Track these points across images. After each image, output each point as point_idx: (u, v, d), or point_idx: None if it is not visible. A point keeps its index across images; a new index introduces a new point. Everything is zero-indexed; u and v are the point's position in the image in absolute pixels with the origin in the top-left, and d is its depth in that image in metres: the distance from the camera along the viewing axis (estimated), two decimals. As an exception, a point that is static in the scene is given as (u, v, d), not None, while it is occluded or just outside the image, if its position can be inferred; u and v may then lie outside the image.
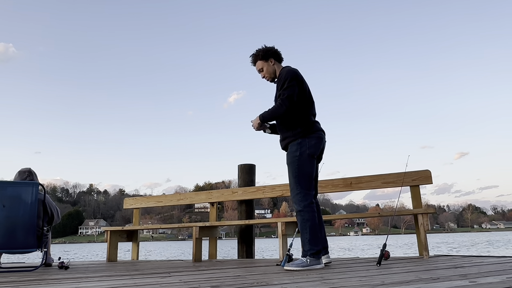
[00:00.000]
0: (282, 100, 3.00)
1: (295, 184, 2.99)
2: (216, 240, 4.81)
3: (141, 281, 2.38)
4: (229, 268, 3.17)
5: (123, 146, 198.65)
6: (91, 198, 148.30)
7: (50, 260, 4.03)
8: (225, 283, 2.14)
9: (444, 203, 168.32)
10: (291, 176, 3.01)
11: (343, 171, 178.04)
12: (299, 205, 2.96)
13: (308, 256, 2.86)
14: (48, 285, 2.35)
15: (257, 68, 3.25)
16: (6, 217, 3.52)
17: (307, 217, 2.92)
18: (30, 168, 3.91)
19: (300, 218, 2.96)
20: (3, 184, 3.58)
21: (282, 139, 3.17)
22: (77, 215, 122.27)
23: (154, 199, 5.46)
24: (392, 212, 3.63)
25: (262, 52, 3.21)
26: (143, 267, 3.56)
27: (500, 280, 1.80)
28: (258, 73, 3.28)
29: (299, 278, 2.26)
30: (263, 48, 3.24)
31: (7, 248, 3.54)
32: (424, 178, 3.92)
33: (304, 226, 2.93)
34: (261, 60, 3.22)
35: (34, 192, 3.64)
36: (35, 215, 3.61)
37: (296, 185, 2.99)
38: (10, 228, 3.52)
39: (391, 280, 1.99)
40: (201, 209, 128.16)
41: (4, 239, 3.50)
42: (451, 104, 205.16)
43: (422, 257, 3.50)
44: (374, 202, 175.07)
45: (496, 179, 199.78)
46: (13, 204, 3.56)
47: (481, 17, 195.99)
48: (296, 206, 2.99)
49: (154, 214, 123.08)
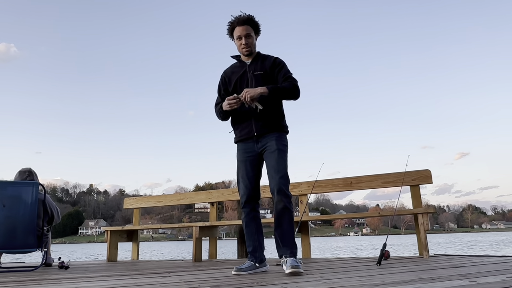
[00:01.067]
0: (295, 82, 2.74)
1: (287, 173, 2.69)
2: (216, 240, 4.81)
3: (141, 281, 2.38)
4: (229, 268, 3.16)
5: (124, 146, 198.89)
6: (91, 198, 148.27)
7: (50, 260, 4.03)
8: (225, 283, 2.14)
9: (444, 204, 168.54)
10: (285, 162, 2.69)
11: (344, 171, 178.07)
12: (289, 197, 2.64)
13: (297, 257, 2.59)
14: (48, 285, 2.35)
15: (244, 31, 2.76)
16: (6, 217, 3.52)
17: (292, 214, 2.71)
18: (30, 168, 3.91)
19: (289, 212, 2.63)
20: (3, 184, 3.58)
21: (270, 123, 2.75)
22: (77, 215, 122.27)
23: (154, 199, 5.46)
24: (392, 212, 3.64)
25: (256, 23, 2.82)
26: (143, 267, 3.56)
27: (500, 280, 1.80)
28: (238, 38, 2.79)
29: (299, 278, 2.26)
30: (255, 19, 2.83)
31: (7, 248, 3.54)
32: (424, 178, 3.92)
33: (292, 222, 2.66)
34: (252, 29, 2.81)
35: (34, 192, 3.64)
36: (35, 215, 3.61)
37: (287, 173, 2.69)
38: (10, 228, 3.52)
39: (391, 280, 1.99)
40: (201, 209, 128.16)
41: (4, 239, 3.50)
42: (452, 104, 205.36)
43: (422, 257, 3.50)
44: (374, 202, 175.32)
45: (496, 179, 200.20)
46: (13, 204, 3.56)
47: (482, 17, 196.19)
48: (285, 197, 2.61)
49: (154, 214, 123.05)
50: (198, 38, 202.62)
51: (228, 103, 2.67)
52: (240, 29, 2.77)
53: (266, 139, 2.74)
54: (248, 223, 2.79)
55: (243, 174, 2.81)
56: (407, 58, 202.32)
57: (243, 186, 2.80)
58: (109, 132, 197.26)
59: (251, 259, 2.71)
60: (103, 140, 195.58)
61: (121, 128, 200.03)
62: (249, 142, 2.80)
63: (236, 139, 2.89)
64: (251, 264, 2.67)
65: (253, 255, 2.72)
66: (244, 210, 2.79)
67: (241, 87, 2.79)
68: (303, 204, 4.35)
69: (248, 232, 2.78)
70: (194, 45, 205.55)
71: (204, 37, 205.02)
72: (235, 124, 2.90)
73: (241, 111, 2.80)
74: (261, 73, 2.79)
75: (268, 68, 2.80)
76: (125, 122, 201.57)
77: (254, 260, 2.70)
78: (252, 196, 2.79)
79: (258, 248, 2.74)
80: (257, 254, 2.72)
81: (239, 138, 2.86)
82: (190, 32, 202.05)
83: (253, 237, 2.77)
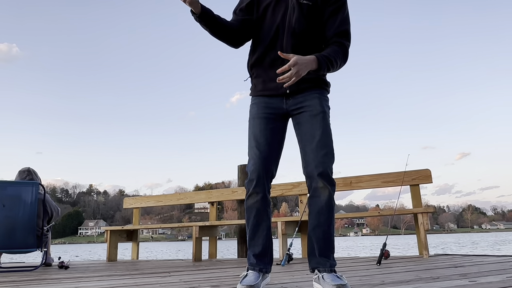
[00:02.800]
0: (347, 49, 1.88)
1: (333, 149, 1.86)
2: (216, 240, 4.82)
3: (141, 281, 2.38)
4: (229, 267, 3.16)
5: (125, 146, 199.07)
6: (90, 199, 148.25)
7: (50, 260, 4.03)
8: (225, 283, 2.14)
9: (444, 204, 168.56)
10: (330, 133, 1.86)
11: (345, 172, 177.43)
12: (334, 185, 1.82)
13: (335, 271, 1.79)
14: (48, 285, 2.34)
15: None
16: (6, 217, 3.52)
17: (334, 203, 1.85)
18: (29, 168, 3.90)
19: (331, 203, 1.80)
20: (3, 184, 3.58)
21: (312, 75, 1.85)
22: (77, 215, 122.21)
23: (154, 199, 5.46)
24: (392, 211, 3.64)
25: None
26: (143, 267, 3.56)
27: (500, 280, 1.80)
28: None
29: (299, 278, 2.26)
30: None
31: (7, 248, 3.54)
32: (424, 177, 3.93)
33: (333, 218, 1.83)
34: None
35: (34, 192, 3.63)
36: (35, 215, 3.61)
37: (333, 150, 1.86)
38: (10, 228, 3.52)
39: (391, 280, 1.99)
40: (201, 209, 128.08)
41: (4, 239, 3.50)
42: (454, 104, 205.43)
43: (422, 257, 3.50)
44: (374, 202, 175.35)
45: (497, 180, 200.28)
46: (13, 204, 3.56)
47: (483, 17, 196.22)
48: (331, 184, 1.80)
49: (154, 214, 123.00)
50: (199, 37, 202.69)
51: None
52: None
53: (304, 96, 1.89)
54: (259, 212, 1.87)
55: (257, 135, 1.90)
56: (408, 58, 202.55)
57: (256, 153, 1.87)
58: (111, 132, 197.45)
59: (257, 266, 1.85)
60: (104, 140, 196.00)
61: (122, 128, 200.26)
62: (275, 98, 1.93)
63: (255, 92, 1.99)
64: (258, 275, 1.81)
65: (261, 259, 1.87)
66: (254, 194, 1.86)
67: (274, 16, 1.91)
68: (303, 203, 4.35)
69: (257, 226, 1.87)
70: (196, 45, 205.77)
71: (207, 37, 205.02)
72: (254, 69, 1.99)
73: (265, 48, 1.91)
74: (309, 3, 1.88)
75: (321, 3, 1.89)
76: (126, 122, 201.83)
77: (262, 267, 1.86)
78: (267, 171, 1.87)
79: (268, 251, 1.89)
80: (266, 259, 1.88)
81: (260, 92, 1.96)
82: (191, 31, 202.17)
83: (264, 233, 1.88)
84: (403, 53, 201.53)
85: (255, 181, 1.85)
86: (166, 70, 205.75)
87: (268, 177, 1.88)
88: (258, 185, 1.85)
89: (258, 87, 1.96)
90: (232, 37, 1.94)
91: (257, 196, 1.86)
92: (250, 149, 1.91)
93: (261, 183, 1.85)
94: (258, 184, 1.85)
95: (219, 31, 1.88)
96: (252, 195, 1.86)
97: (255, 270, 1.84)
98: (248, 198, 1.89)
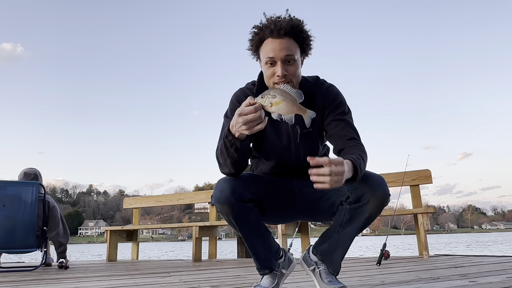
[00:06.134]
0: (364, 150, 1.59)
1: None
2: (216, 240, 4.81)
3: (141, 281, 2.38)
4: (229, 268, 3.16)
5: (126, 146, 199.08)
6: (90, 199, 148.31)
7: (50, 260, 4.03)
8: (225, 283, 2.14)
9: (444, 204, 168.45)
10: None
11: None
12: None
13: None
14: (48, 285, 2.35)
15: (282, 51, 1.52)
16: (6, 216, 3.52)
17: None
18: (36, 170, 3.84)
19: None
20: (3, 183, 3.58)
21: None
22: (77, 215, 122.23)
23: (153, 199, 5.46)
24: (392, 212, 3.63)
25: (305, 34, 1.58)
26: (143, 267, 3.56)
27: (500, 280, 1.80)
28: (270, 62, 1.54)
29: (299, 278, 2.26)
30: (305, 27, 1.58)
31: (7, 247, 3.54)
32: (424, 178, 3.93)
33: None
34: (297, 46, 1.58)
35: (34, 192, 3.63)
36: (35, 215, 3.61)
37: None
38: (10, 228, 3.52)
39: (391, 280, 1.99)
40: (201, 209, 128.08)
41: (4, 239, 3.50)
42: (457, 105, 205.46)
43: (422, 257, 3.50)
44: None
45: (498, 180, 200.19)
46: (13, 204, 3.56)
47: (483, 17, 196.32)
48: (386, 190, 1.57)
49: (154, 215, 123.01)
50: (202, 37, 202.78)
51: (247, 114, 1.36)
52: (275, 45, 1.53)
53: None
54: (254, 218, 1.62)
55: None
56: (409, 57, 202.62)
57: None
58: (111, 132, 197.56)
59: (273, 268, 1.65)
60: (105, 140, 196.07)
61: (123, 128, 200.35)
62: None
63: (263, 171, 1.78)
64: (273, 283, 1.64)
65: (276, 258, 1.68)
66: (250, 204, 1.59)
67: (273, 145, 1.69)
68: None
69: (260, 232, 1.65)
70: (199, 45, 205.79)
71: (208, 37, 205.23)
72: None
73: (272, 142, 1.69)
74: (310, 130, 1.66)
75: (320, 121, 1.66)
76: (128, 122, 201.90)
77: (278, 268, 1.67)
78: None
79: (280, 248, 1.74)
80: (286, 257, 1.73)
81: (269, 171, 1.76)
82: (193, 31, 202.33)
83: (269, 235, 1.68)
84: (405, 53, 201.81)
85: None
86: (170, 69, 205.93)
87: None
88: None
89: (266, 167, 1.76)
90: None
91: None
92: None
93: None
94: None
95: (241, 160, 1.56)
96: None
97: (269, 273, 1.67)
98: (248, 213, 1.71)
